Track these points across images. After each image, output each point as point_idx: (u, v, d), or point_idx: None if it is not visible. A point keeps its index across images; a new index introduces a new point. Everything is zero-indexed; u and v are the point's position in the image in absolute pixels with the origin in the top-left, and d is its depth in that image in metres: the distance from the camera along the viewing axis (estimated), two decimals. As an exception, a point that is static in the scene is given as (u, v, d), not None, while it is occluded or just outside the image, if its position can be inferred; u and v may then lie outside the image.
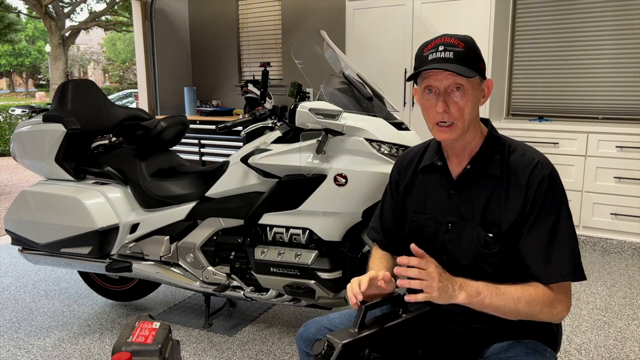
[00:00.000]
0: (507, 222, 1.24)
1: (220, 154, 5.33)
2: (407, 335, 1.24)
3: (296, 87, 2.39)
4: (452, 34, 1.25)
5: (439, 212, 1.34)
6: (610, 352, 2.43)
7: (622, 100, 4.03)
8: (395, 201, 1.47)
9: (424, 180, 1.39)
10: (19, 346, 2.54)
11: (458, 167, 1.33)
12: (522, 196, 1.23)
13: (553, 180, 1.23)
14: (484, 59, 1.27)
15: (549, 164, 1.25)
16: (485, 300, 1.15)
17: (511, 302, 1.16)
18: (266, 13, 5.69)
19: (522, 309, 1.17)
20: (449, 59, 1.20)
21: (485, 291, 1.16)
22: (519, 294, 1.17)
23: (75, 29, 18.22)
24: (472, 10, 3.93)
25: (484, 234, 1.26)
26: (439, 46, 1.22)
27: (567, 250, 1.20)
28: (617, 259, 3.65)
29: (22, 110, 2.90)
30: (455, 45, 1.21)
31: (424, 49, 1.25)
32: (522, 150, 1.29)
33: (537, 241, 1.21)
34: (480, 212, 1.27)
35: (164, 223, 2.53)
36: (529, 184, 1.23)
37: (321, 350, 1.12)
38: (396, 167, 1.48)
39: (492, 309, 1.17)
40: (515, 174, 1.25)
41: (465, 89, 1.22)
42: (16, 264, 3.72)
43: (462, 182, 1.31)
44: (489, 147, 1.30)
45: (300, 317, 2.80)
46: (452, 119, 1.23)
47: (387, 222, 1.49)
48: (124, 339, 1.27)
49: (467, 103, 1.22)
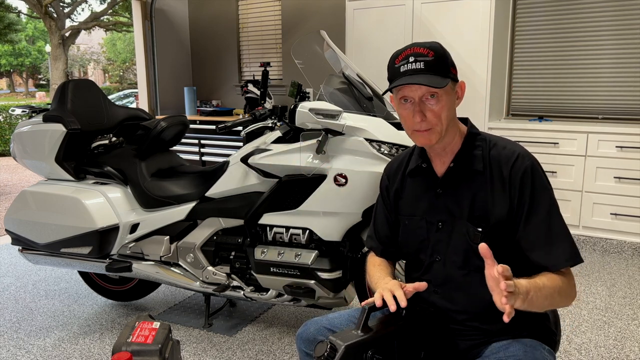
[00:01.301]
0: (494, 215, 1.27)
1: (220, 154, 5.33)
2: (410, 337, 1.25)
3: (296, 87, 2.39)
4: (421, 43, 1.29)
5: (429, 213, 1.37)
6: (610, 352, 2.43)
7: (622, 100, 4.03)
8: (388, 207, 1.49)
9: (412, 183, 1.43)
10: (19, 346, 2.54)
11: (442, 167, 1.36)
12: (506, 188, 1.26)
13: (535, 170, 1.26)
14: (454, 63, 1.31)
15: (530, 155, 1.29)
16: (533, 300, 1.13)
17: (549, 297, 1.17)
18: (266, 13, 5.69)
19: (556, 301, 1.19)
20: (420, 70, 1.24)
21: (532, 289, 1.12)
22: (551, 284, 1.18)
23: (76, 29, 18.22)
24: (472, 10, 3.93)
25: (473, 228, 1.29)
26: (409, 57, 1.26)
27: (564, 235, 1.24)
28: (617, 259, 3.65)
29: (22, 110, 2.90)
30: (425, 55, 1.25)
31: (395, 60, 1.29)
32: (502, 144, 1.32)
33: (535, 232, 1.24)
34: (468, 207, 1.30)
35: (164, 223, 2.53)
36: (511, 176, 1.26)
37: (324, 352, 1.12)
38: (385, 174, 1.52)
39: (534, 306, 1.14)
40: (498, 167, 1.29)
41: (439, 96, 1.26)
42: (16, 264, 3.72)
43: (447, 180, 1.34)
44: (469, 144, 1.33)
45: (300, 317, 2.80)
46: (430, 125, 1.27)
47: (381, 230, 1.51)
48: (124, 339, 1.27)
49: (442, 108, 1.26)
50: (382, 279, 1.38)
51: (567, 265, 1.23)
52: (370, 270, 1.48)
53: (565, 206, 3.84)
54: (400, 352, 1.22)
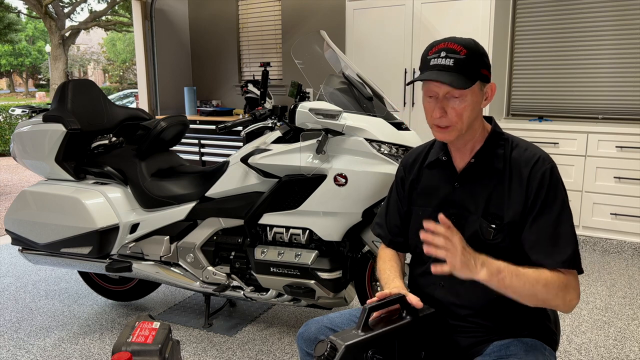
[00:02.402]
0: (509, 213, 1.27)
1: (220, 154, 5.33)
2: (411, 337, 1.25)
3: (296, 87, 2.39)
4: (458, 39, 1.27)
5: (443, 206, 1.37)
6: (610, 352, 2.43)
7: (622, 100, 4.03)
8: (401, 198, 1.50)
9: (429, 175, 1.43)
10: (19, 346, 2.54)
11: (462, 162, 1.37)
12: (523, 189, 1.26)
13: (554, 174, 1.26)
14: (488, 63, 1.29)
15: (550, 159, 1.29)
16: (505, 280, 1.17)
17: (529, 284, 1.18)
18: (266, 13, 5.69)
19: (539, 292, 1.18)
20: (448, 67, 1.23)
21: (505, 270, 1.17)
22: (536, 275, 1.19)
23: (75, 29, 18.22)
24: (472, 10, 3.93)
25: (486, 225, 1.29)
26: (441, 51, 1.25)
27: (570, 240, 1.23)
28: (617, 259, 3.65)
29: (22, 110, 2.90)
30: (457, 52, 1.24)
31: (429, 52, 1.28)
32: (524, 146, 1.33)
33: (541, 232, 1.24)
34: (483, 204, 1.30)
35: (164, 223, 2.53)
36: (530, 177, 1.26)
37: (324, 352, 1.12)
38: (402, 165, 1.52)
39: (511, 290, 1.18)
40: (518, 168, 1.28)
41: (464, 96, 1.25)
42: (16, 264, 3.72)
43: (466, 175, 1.35)
44: (492, 142, 1.34)
45: (300, 317, 2.80)
46: (450, 123, 1.27)
47: (392, 219, 1.52)
48: (124, 339, 1.27)
49: (465, 108, 1.26)
50: (390, 281, 1.40)
51: (562, 266, 1.21)
52: (380, 266, 1.50)
53: (565, 206, 3.84)
54: (401, 351, 1.22)
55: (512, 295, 1.19)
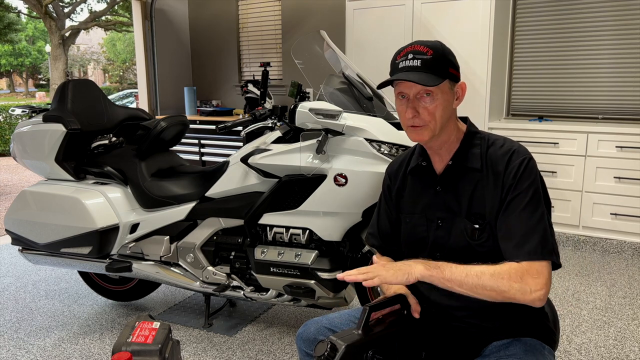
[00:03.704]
0: (490, 211, 1.28)
1: (220, 154, 5.33)
2: (411, 337, 1.25)
3: (296, 87, 2.39)
4: (424, 41, 1.31)
5: (429, 211, 1.38)
6: (610, 352, 2.43)
7: (622, 100, 4.03)
8: (390, 206, 1.51)
9: (413, 182, 1.45)
10: (19, 346, 2.54)
11: (441, 165, 1.38)
12: (499, 185, 1.28)
13: (527, 165, 1.26)
14: (455, 64, 1.32)
15: (526, 152, 1.30)
16: (445, 273, 1.19)
17: (473, 275, 1.18)
18: (266, 13, 5.69)
19: (487, 283, 1.17)
20: (416, 67, 1.27)
21: (444, 265, 1.20)
22: (482, 267, 1.19)
23: (75, 29, 18.22)
24: (472, 10, 3.93)
25: (470, 225, 1.30)
26: (409, 54, 1.29)
27: (537, 230, 1.21)
28: (617, 259, 3.65)
29: (22, 110, 2.90)
30: (424, 53, 1.27)
31: (397, 56, 1.32)
32: (500, 142, 1.34)
33: (508, 221, 1.24)
34: (466, 204, 1.31)
35: (164, 223, 2.53)
36: (505, 171, 1.27)
37: (324, 352, 1.12)
38: (387, 173, 1.54)
39: (455, 283, 1.19)
40: (495, 164, 1.30)
41: (434, 95, 1.28)
42: (16, 264, 3.72)
43: (446, 177, 1.36)
44: (468, 142, 1.35)
45: (300, 317, 2.80)
46: (423, 122, 1.29)
47: (383, 227, 1.53)
48: (124, 339, 1.27)
49: (437, 107, 1.28)
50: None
51: (528, 257, 1.19)
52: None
53: (565, 206, 3.84)
54: (401, 352, 1.22)
55: (460, 289, 1.19)
